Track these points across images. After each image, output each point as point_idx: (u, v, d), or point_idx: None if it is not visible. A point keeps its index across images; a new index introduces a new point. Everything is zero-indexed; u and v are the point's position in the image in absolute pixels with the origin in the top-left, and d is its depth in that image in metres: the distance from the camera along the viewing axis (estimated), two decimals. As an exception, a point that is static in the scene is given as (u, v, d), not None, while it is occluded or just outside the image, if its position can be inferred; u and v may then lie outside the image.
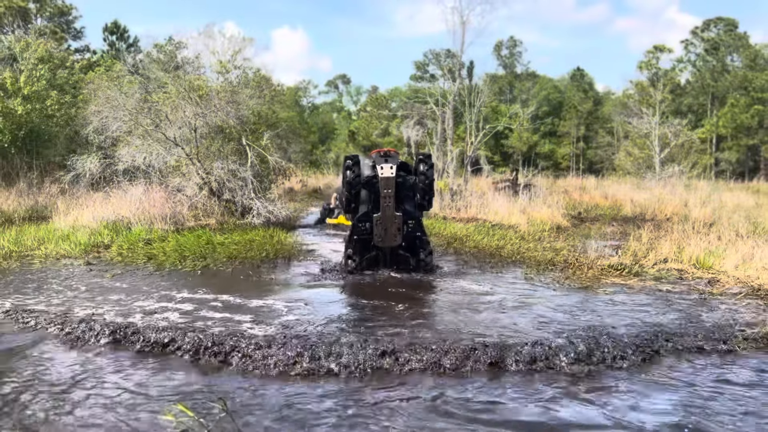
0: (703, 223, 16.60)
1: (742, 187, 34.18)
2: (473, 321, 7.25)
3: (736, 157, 48.66)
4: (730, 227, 12.68)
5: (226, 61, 19.24)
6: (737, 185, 36.15)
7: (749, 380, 5.45)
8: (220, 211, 17.42)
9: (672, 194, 24.48)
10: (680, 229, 13.20)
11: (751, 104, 47.43)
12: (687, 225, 15.02)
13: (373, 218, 10.67)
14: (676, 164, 30.09)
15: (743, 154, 49.60)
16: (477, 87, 22.58)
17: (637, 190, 27.28)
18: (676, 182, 27.10)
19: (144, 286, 9.50)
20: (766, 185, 36.01)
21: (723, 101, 50.91)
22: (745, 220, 13.89)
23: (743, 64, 51.15)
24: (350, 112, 72.69)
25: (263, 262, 11.72)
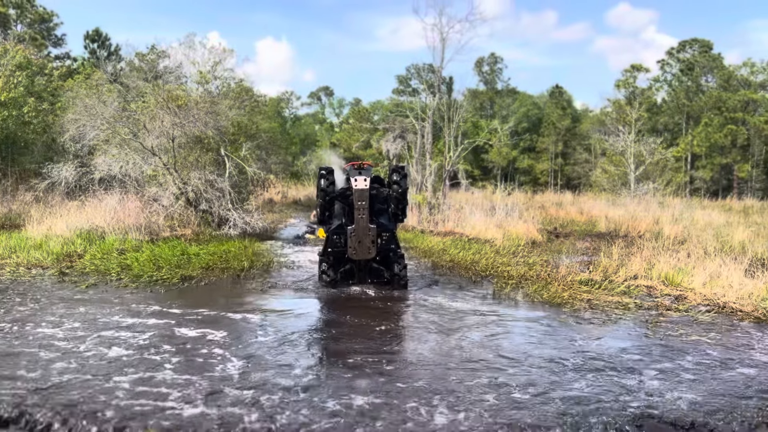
0: (675, 240, 16.94)
1: (715, 205, 34.79)
2: (443, 354, 7.27)
3: (710, 175, 49.56)
4: (699, 245, 12.93)
5: (206, 72, 19.23)
6: (711, 203, 36.78)
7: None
8: (196, 222, 17.37)
9: (646, 211, 24.84)
10: (651, 246, 13.43)
11: (725, 124, 48.41)
12: (659, 242, 15.31)
13: (348, 230, 10.73)
14: (651, 181, 30.58)
15: (717, 172, 50.52)
16: (456, 102, 22.82)
17: (613, 207, 27.65)
18: (651, 199, 27.53)
19: (100, 313, 9.45)
20: (738, 203, 36.70)
21: (697, 120, 51.90)
22: (714, 238, 14.17)
23: (717, 84, 52.23)
24: (332, 124, 72.81)
25: (236, 276, 11.68)
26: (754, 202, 38.68)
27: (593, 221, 24.78)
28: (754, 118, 48.31)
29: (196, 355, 6.53)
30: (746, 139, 48.54)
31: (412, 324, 8.20)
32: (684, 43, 55.31)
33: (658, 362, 6.47)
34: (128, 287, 10.34)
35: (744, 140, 48.45)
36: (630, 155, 30.37)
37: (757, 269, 10.59)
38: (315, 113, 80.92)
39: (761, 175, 49.47)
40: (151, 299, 9.47)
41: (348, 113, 72.05)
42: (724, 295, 9.36)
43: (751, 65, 50.89)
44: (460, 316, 8.64)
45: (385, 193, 11.07)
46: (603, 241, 18.57)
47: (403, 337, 7.56)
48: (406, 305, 9.47)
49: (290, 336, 7.34)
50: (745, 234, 16.13)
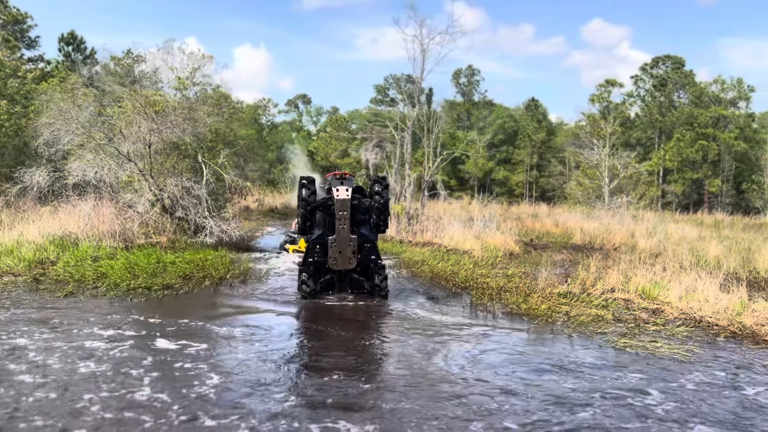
0: (649, 253, 17.17)
1: (687, 219, 35.41)
2: (425, 376, 7.24)
3: (681, 189, 50.45)
4: (674, 259, 13.11)
5: (184, 78, 19.03)
6: (682, 217, 37.43)
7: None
8: (171, 229, 17.11)
9: (620, 224, 25.15)
10: (627, 259, 13.59)
11: (697, 139, 49.38)
12: (634, 255, 15.50)
13: (328, 241, 10.67)
14: (624, 195, 31.02)
15: (688, 187, 51.47)
16: (435, 113, 22.92)
17: (588, 219, 27.94)
18: (625, 213, 27.90)
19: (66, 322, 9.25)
20: (710, 218, 37.39)
21: (670, 135, 52.86)
22: (689, 252, 14.38)
23: (689, 100, 53.29)
24: (310, 132, 72.65)
25: (214, 286, 11.53)
26: (724, 217, 39.45)
27: (569, 233, 24.99)
28: (725, 134, 49.36)
29: (174, 370, 6.38)
30: (717, 155, 49.56)
31: (393, 339, 8.13)
32: (657, 60, 56.40)
33: (652, 383, 6.51)
34: (106, 296, 10.14)
35: (715, 155, 49.46)
36: (604, 169, 30.76)
37: (731, 284, 10.75)
38: (292, 121, 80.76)
39: (731, 190, 50.50)
40: (130, 309, 9.29)
41: (325, 122, 72.01)
42: (700, 309, 9.48)
43: (721, 82, 52.04)
44: (440, 330, 8.61)
45: (367, 204, 11.04)
46: (579, 254, 18.74)
47: (385, 354, 7.45)
48: (386, 318, 9.42)
49: (270, 352, 7.21)
50: (718, 249, 16.40)
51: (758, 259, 14.59)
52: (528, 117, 59.77)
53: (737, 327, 8.52)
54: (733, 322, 8.68)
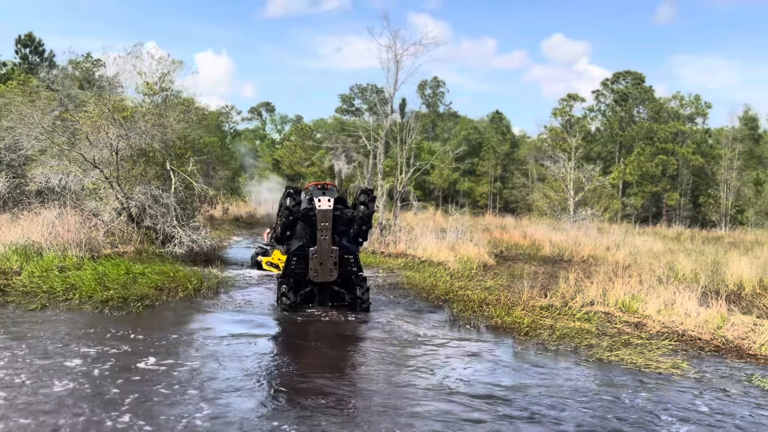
0: (620, 266, 17.40)
1: (649, 232, 36.15)
2: (411, 397, 7.04)
3: (641, 203, 51.58)
4: (648, 272, 13.25)
5: (153, 83, 18.54)
6: (643, 229, 38.22)
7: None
8: (138, 239, 16.57)
9: (587, 236, 25.48)
10: (602, 271, 13.70)
11: (656, 154, 50.63)
12: (605, 267, 15.68)
13: (309, 252, 10.44)
14: (589, 207, 31.49)
15: (647, 200, 52.66)
16: (408, 124, 22.90)
17: (554, 232, 28.24)
18: (590, 225, 28.30)
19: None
20: (670, 230, 38.29)
21: (630, 150, 54.09)
22: (667, 266, 14.57)
23: (648, 116, 54.67)
24: (274, 141, 71.98)
25: (189, 298, 11.16)
26: (682, 230, 40.48)
27: (537, 245, 25.18)
28: (683, 148, 50.76)
29: (153, 393, 5.98)
30: (675, 169, 50.88)
31: (377, 356, 7.89)
32: (618, 75, 57.73)
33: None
34: (80, 309, 9.69)
35: (673, 170, 50.77)
36: (570, 181, 31.20)
37: (707, 297, 10.88)
38: (255, 129, 79.98)
39: (688, 204, 51.89)
40: (105, 323, 8.89)
41: (290, 130, 71.47)
42: (682, 323, 9.55)
43: (680, 98, 53.64)
44: (425, 346, 8.46)
45: (349, 214, 10.84)
46: (550, 266, 18.90)
47: (370, 373, 7.19)
48: (369, 333, 9.21)
49: (251, 371, 6.88)
50: (687, 262, 16.68)
51: (727, 273, 14.88)
52: (492, 129, 60.46)
53: (720, 341, 8.60)
54: (716, 336, 8.77)
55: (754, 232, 40.14)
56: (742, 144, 50.21)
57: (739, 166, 48.75)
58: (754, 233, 39.02)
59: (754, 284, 13.98)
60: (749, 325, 9.50)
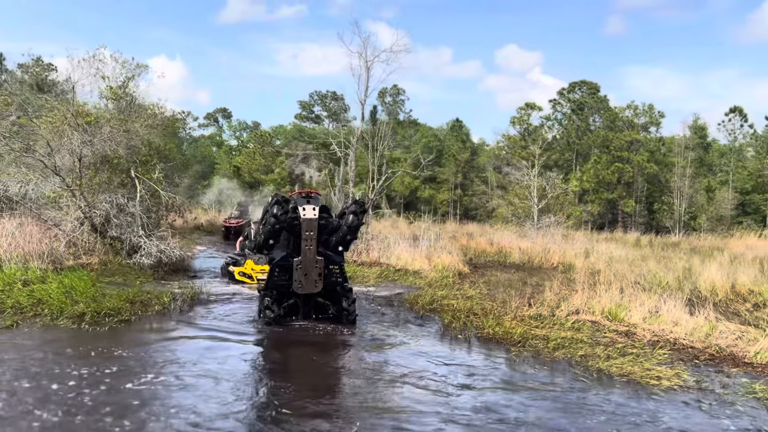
0: (594, 273, 17.56)
1: (608, 238, 36.77)
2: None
3: (597, 210, 52.59)
4: (626, 280, 13.32)
5: (116, 87, 17.84)
6: (602, 235, 38.87)
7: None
8: (103, 249, 15.85)
9: (553, 243, 25.69)
10: (579, 279, 13.71)
11: (612, 162, 51.73)
12: (579, 275, 15.75)
13: (294, 262, 10.09)
14: (552, 214, 31.84)
15: (604, 207, 53.74)
16: (380, 130, 22.71)
17: (520, 238, 28.42)
18: (555, 232, 28.59)
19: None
20: (628, 237, 39.04)
21: (586, 158, 55.16)
22: (645, 273, 14.68)
23: (604, 124, 55.86)
24: (232, 147, 70.79)
25: (163, 312, 10.65)
26: (639, 236, 41.39)
27: (504, 252, 25.26)
28: (638, 156, 51.99)
29: (138, 421, 5.54)
30: (631, 176, 52.08)
31: (371, 375, 7.53)
32: (574, 85, 58.89)
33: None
34: (55, 325, 9.10)
35: (629, 177, 51.97)
36: (533, 189, 31.51)
37: (686, 305, 10.96)
38: (211, 135, 78.55)
39: (643, 210, 53.15)
40: (85, 340, 8.36)
41: (248, 136, 70.45)
42: (671, 331, 9.57)
43: (634, 108, 54.93)
44: (423, 360, 8.23)
45: (335, 224, 10.54)
46: (522, 273, 18.92)
47: (364, 394, 6.86)
48: (358, 348, 8.90)
49: (238, 393, 6.50)
50: (661, 268, 16.88)
51: (699, 279, 15.12)
52: (452, 137, 60.85)
53: (715, 349, 8.62)
54: (710, 344, 8.79)
55: (706, 238, 41.33)
56: (694, 152, 51.78)
57: (691, 173, 50.20)
58: (707, 239, 40.16)
59: (727, 290, 14.23)
60: (735, 332, 9.59)
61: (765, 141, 53.62)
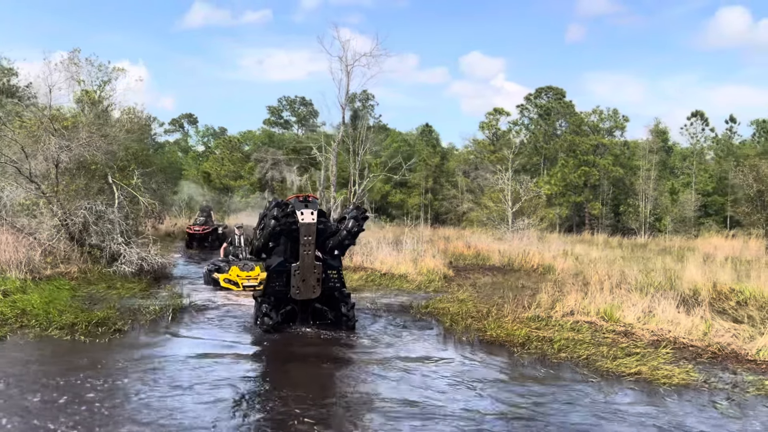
0: (571, 273, 17.77)
1: (578, 240, 37.34)
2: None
3: (565, 213, 53.40)
4: (611, 279, 13.47)
5: (92, 91, 17.38)
6: (570, 238, 39.43)
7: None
8: (81, 258, 15.39)
9: (530, 245, 25.95)
10: (568, 281, 13.85)
11: (579, 165, 52.63)
12: (559, 275, 15.92)
13: (291, 268, 9.94)
14: (526, 217, 32.20)
15: (571, 210, 54.60)
16: (362, 134, 22.64)
17: (496, 241, 28.64)
18: (531, 234, 28.89)
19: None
20: (598, 238, 39.70)
21: (554, 162, 55.97)
22: (634, 273, 14.85)
23: (570, 129, 56.80)
24: (199, 153, 69.76)
25: (155, 320, 10.36)
26: (606, 237, 42.15)
27: (482, 255, 25.39)
28: (603, 160, 52.99)
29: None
30: (597, 180, 53.03)
31: (381, 386, 7.32)
32: (540, 90, 59.79)
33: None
34: (47, 337, 8.76)
35: (595, 180, 52.91)
36: (508, 192, 31.84)
37: (675, 304, 11.11)
38: (177, 141, 77.33)
39: (609, 213, 54.18)
40: (85, 352, 8.06)
41: (216, 142, 69.52)
42: (670, 330, 9.70)
43: (599, 113, 56.02)
44: (429, 365, 8.17)
45: (333, 228, 10.42)
46: (504, 275, 19.01)
47: (376, 401, 6.74)
48: (362, 355, 8.76)
49: (245, 410, 6.31)
50: (641, 268, 17.14)
51: (680, 279, 15.39)
52: (423, 142, 61.10)
53: (716, 347, 8.77)
54: (711, 342, 8.94)
55: (671, 239, 42.32)
56: (657, 156, 53.00)
57: (655, 176, 51.37)
58: (673, 239, 41.12)
59: (709, 289, 14.51)
60: (729, 330, 9.78)
61: (725, 144, 55.21)
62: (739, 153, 50.66)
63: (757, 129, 54.50)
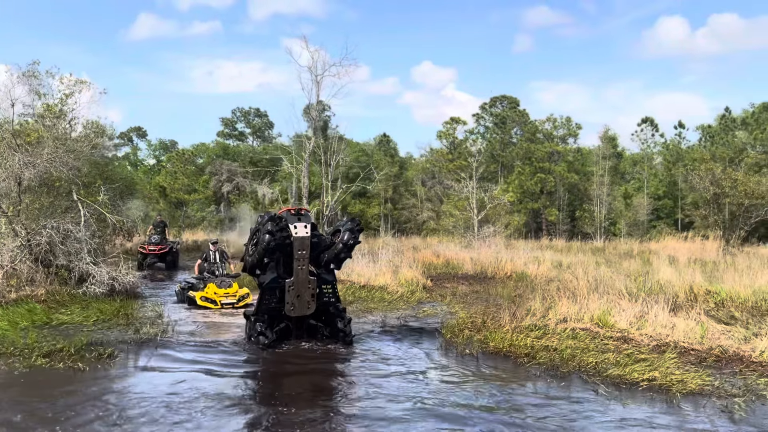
0: (544, 279, 17.91)
1: (540, 246, 37.84)
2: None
3: (524, 219, 54.18)
4: (602, 287, 13.56)
5: (54, 105, 16.62)
6: (529, 244, 39.97)
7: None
8: (48, 280, 14.62)
9: (498, 253, 26.10)
10: (552, 287, 13.88)
11: (535, 173, 53.52)
12: (529, 281, 15.98)
13: (285, 284, 9.61)
14: (491, 224, 32.47)
15: (529, 216, 55.44)
16: (333, 145, 22.35)
17: (464, 250, 28.74)
18: (498, 241, 29.10)
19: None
20: (559, 244, 40.33)
21: (511, 169, 56.77)
22: (631, 279, 14.95)
23: (525, 137, 57.75)
24: (151, 167, 67.98)
25: (139, 343, 9.86)
26: (563, 242, 42.91)
27: (451, 264, 25.37)
28: (558, 167, 54.03)
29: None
30: (553, 186, 54.03)
31: (403, 407, 7.15)
32: (495, 99, 60.66)
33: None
34: (35, 365, 8.18)
35: (551, 187, 53.89)
36: (473, 200, 32.04)
37: (655, 307, 11.21)
38: (126, 155, 75.28)
39: (566, 219, 55.21)
40: (68, 382, 7.52)
41: (167, 156, 67.89)
42: (668, 335, 9.77)
43: (553, 121, 57.18)
44: (440, 381, 7.98)
45: (328, 241, 10.15)
46: (480, 284, 19.00)
47: (395, 421, 6.52)
48: (365, 367, 8.52)
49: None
50: (612, 272, 17.38)
51: (654, 281, 15.64)
52: (381, 152, 61.11)
53: (718, 351, 8.85)
54: (713, 345, 9.02)
55: (626, 242, 43.36)
56: (609, 162, 54.39)
57: (608, 182, 52.66)
58: (628, 243, 42.11)
59: (686, 291, 14.79)
60: (723, 332, 9.93)
61: (675, 149, 57.07)
62: (688, 158, 52.40)
63: (703, 134, 56.52)
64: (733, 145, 49.64)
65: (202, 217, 58.27)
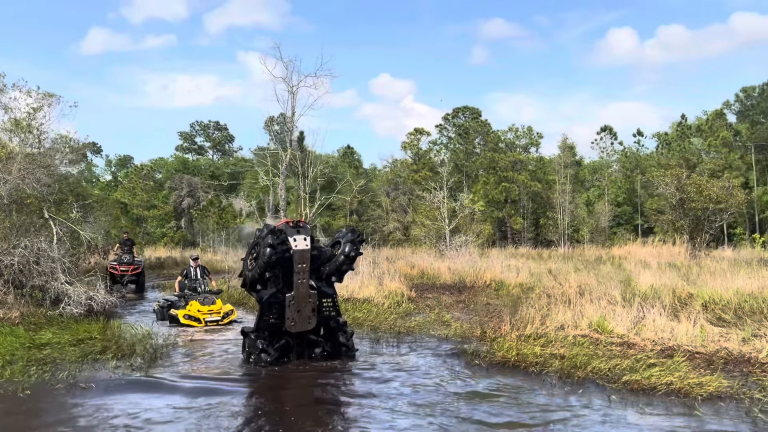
0: (524, 287, 18.00)
1: (510, 254, 38.18)
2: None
3: (489, 228, 54.65)
4: (594, 293, 13.65)
5: (21, 119, 15.94)
6: (508, 251, 40.31)
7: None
8: (22, 301, 13.94)
9: (473, 262, 26.15)
10: (534, 296, 13.91)
11: (499, 182, 54.11)
12: (510, 289, 16.02)
13: (285, 298, 9.33)
14: (462, 234, 32.57)
15: (494, 225, 55.99)
16: (309, 157, 22.08)
17: (438, 259, 28.71)
18: (471, 251, 29.19)
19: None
20: (526, 251, 40.79)
21: (475, 179, 57.27)
22: (621, 285, 15.06)
23: (488, 147, 58.42)
24: (108, 183, 66.17)
25: (128, 366, 9.43)
26: (528, 249, 43.47)
27: (426, 274, 25.28)
28: (521, 176, 54.80)
29: None
30: (517, 195, 54.71)
31: (414, 412, 7.04)
32: (457, 110, 61.23)
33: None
34: (20, 390, 7.70)
35: (515, 196, 54.55)
36: (444, 210, 32.13)
37: (646, 311, 11.32)
38: (80, 172, 73.19)
39: (531, 226, 55.96)
40: (65, 408, 7.10)
41: (125, 171, 66.27)
42: (670, 339, 9.83)
43: (515, 130, 58.01)
44: (457, 399, 7.83)
45: (328, 254, 9.91)
46: (462, 293, 18.96)
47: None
48: (378, 384, 8.31)
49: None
50: (593, 277, 17.56)
51: (637, 286, 15.85)
52: (345, 164, 60.92)
53: (724, 353, 8.93)
54: (719, 348, 9.11)
55: (590, 248, 44.13)
56: (570, 170, 55.41)
57: (570, 189, 53.62)
58: (592, 249, 42.87)
59: (669, 294, 15.01)
60: (721, 334, 10.05)
61: (633, 156, 58.49)
62: (646, 165, 53.75)
63: (659, 141, 58.13)
64: (690, 151, 51.16)
65: (162, 233, 56.98)
